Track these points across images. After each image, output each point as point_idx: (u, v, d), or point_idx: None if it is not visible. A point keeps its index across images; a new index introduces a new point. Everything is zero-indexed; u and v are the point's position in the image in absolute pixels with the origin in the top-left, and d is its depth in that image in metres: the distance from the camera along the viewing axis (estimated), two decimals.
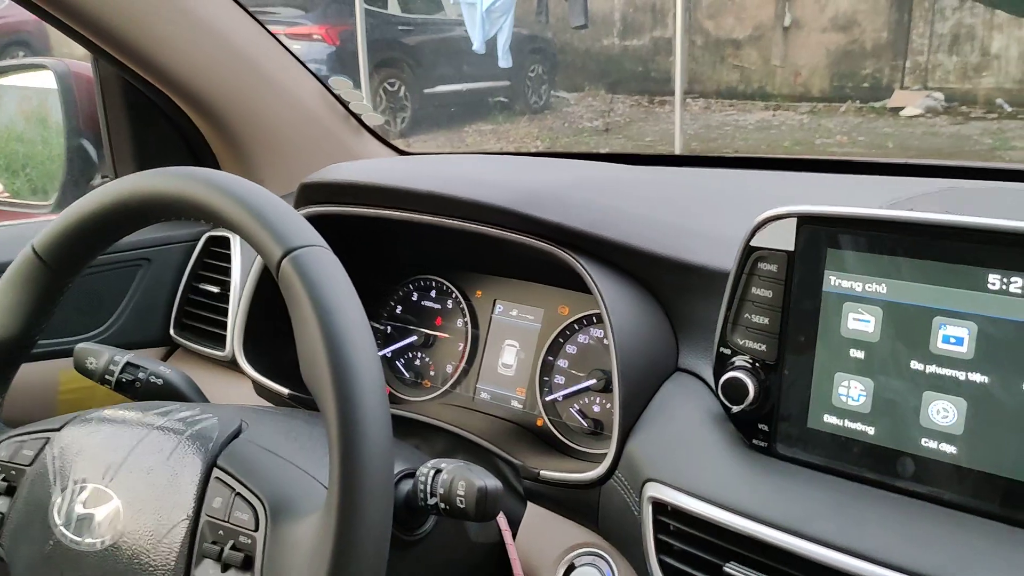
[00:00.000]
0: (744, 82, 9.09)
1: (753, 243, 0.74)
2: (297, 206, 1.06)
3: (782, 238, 0.72)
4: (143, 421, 0.72)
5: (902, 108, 7.84)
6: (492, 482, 0.68)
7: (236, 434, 0.70)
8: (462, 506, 0.68)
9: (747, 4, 8.99)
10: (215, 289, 1.21)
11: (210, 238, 1.25)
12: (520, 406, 1.06)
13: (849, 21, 8.53)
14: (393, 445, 0.83)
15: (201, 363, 1.21)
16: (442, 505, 0.69)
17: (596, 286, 0.84)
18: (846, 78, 8.59)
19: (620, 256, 0.87)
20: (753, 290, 0.74)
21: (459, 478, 0.68)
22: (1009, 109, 7.58)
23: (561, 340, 1.03)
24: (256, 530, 0.62)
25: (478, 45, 6.32)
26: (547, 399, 1.03)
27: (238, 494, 0.64)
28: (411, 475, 0.74)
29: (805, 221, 0.71)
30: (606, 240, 0.86)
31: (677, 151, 6.01)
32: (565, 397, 1.01)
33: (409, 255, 1.16)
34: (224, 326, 1.17)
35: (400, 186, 0.94)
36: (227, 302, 1.18)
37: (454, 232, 0.96)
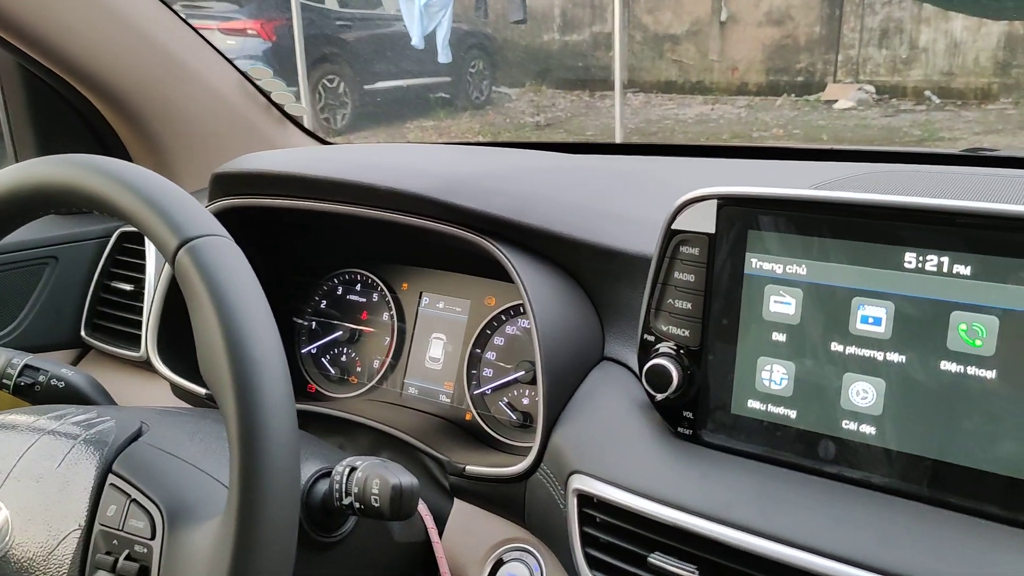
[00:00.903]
0: (683, 76, 9.19)
1: (674, 226, 0.72)
2: (211, 198, 1.02)
3: (703, 221, 0.71)
4: (34, 426, 0.67)
5: (835, 101, 8.00)
6: (408, 479, 0.66)
7: (135, 437, 0.67)
8: (377, 505, 0.65)
9: (684, 0, 9.09)
10: (128, 287, 1.15)
11: (122, 234, 1.19)
12: (448, 400, 1.03)
13: (783, 16, 8.68)
14: (311, 443, 0.80)
15: (115, 365, 1.16)
16: (357, 504, 0.66)
17: (517, 274, 0.81)
18: (781, 72, 8.74)
19: (542, 243, 0.85)
20: (675, 274, 0.72)
21: (374, 476, 0.65)
22: (937, 101, 7.79)
23: (488, 332, 1.01)
24: (152, 538, 0.58)
25: (417, 40, 6.26)
26: (475, 393, 1.00)
27: (134, 500, 0.60)
28: (328, 474, 0.71)
29: (725, 203, 0.69)
30: (527, 226, 0.84)
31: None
32: (493, 390, 0.99)
33: (333, 248, 1.12)
34: (138, 325, 1.12)
35: (313, 175, 0.91)
36: (141, 300, 1.13)
37: (376, 223, 0.93)
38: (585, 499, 0.73)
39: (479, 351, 1.01)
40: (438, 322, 1.06)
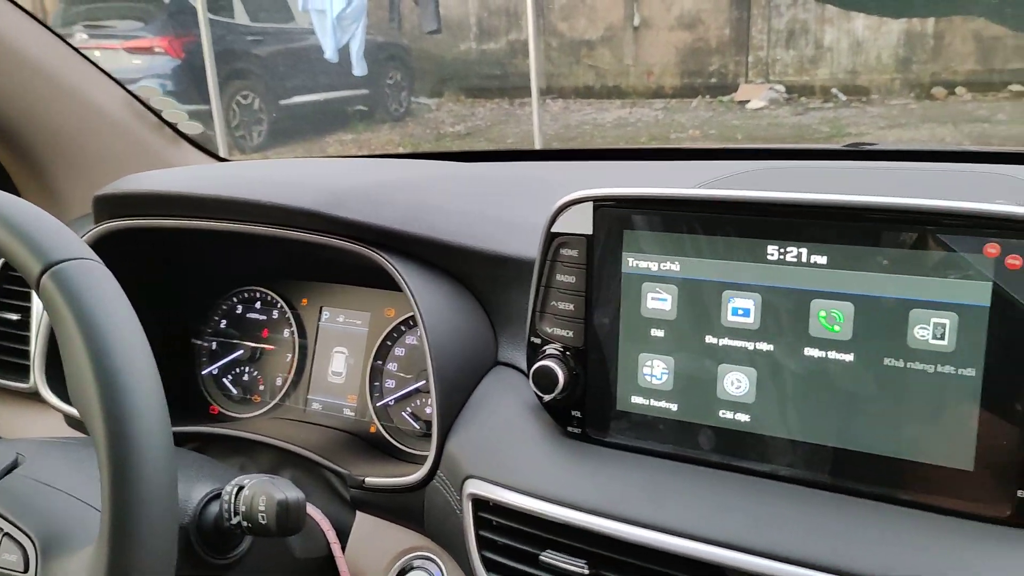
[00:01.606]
0: (600, 81, 9.32)
1: (554, 229, 0.73)
2: (96, 221, 0.99)
3: (581, 223, 0.72)
4: None
5: (747, 101, 8.22)
6: (293, 494, 0.65)
7: (9, 469, 0.65)
8: (264, 522, 0.64)
9: (598, 6, 9.22)
10: (14, 317, 1.12)
11: (6, 263, 1.15)
12: (352, 414, 1.03)
13: (694, 20, 8.88)
14: (206, 465, 0.79)
15: (3, 397, 1.12)
16: (245, 523, 0.65)
17: (406, 284, 0.82)
18: (695, 74, 8.94)
19: (431, 252, 0.85)
20: (557, 277, 0.74)
21: (260, 494, 0.65)
22: (843, 98, 8.08)
23: (389, 343, 1.01)
24: (25, 571, 0.57)
25: (331, 54, 6.20)
26: (378, 404, 1.00)
27: (6, 534, 0.59)
28: (219, 495, 0.71)
29: (601, 204, 0.71)
30: (416, 236, 0.84)
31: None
32: (396, 401, 0.99)
33: (231, 267, 1.11)
34: (27, 356, 1.08)
35: (194, 193, 0.90)
36: (28, 330, 1.09)
37: (270, 239, 0.92)
38: (480, 503, 0.74)
39: (381, 363, 1.01)
40: (339, 336, 1.06)
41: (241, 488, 0.67)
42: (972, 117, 6.96)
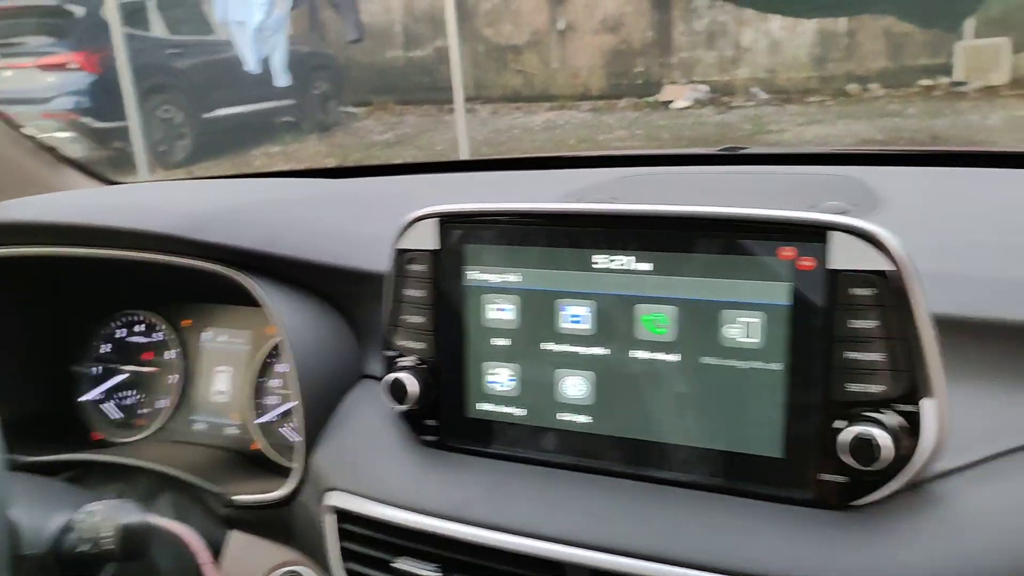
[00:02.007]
0: (528, 85, 9.39)
1: (402, 245, 0.76)
2: None
3: (428, 238, 0.75)
4: None
5: (672, 101, 8.38)
6: (136, 517, 0.66)
7: None
8: (111, 547, 0.65)
9: (523, 10, 9.29)
10: None
11: None
12: (236, 431, 1.04)
13: (617, 23, 9.01)
14: (66, 494, 0.79)
15: None
16: (92, 549, 0.66)
17: (268, 303, 0.83)
18: (621, 76, 9.07)
19: (294, 271, 0.87)
20: (407, 291, 0.76)
21: (105, 519, 0.66)
22: (764, 96, 8.29)
23: (271, 360, 1.02)
24: None
25: (252, 65, 6.13)
26: (260, 421, 1.01)
27: None
28: None
29: (444, 220, 0.74)
30: (277, 256, 0.86)
31: (464, 158, 6.09)
32: (279, 416, 1.01)
33: (110, 291, 1.11)
34: None
35: (51, 221, 0.90)
36: None
37: (144, 263, 0.93)
38: (342, 514, 0.76)
39: (263, 380, 1.02)
40: (222, 355, 1.07)
41: (90, 514, 0.67)
42: (885, 112, 7.20)
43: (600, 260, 0.68)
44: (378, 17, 9.24)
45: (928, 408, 0.60)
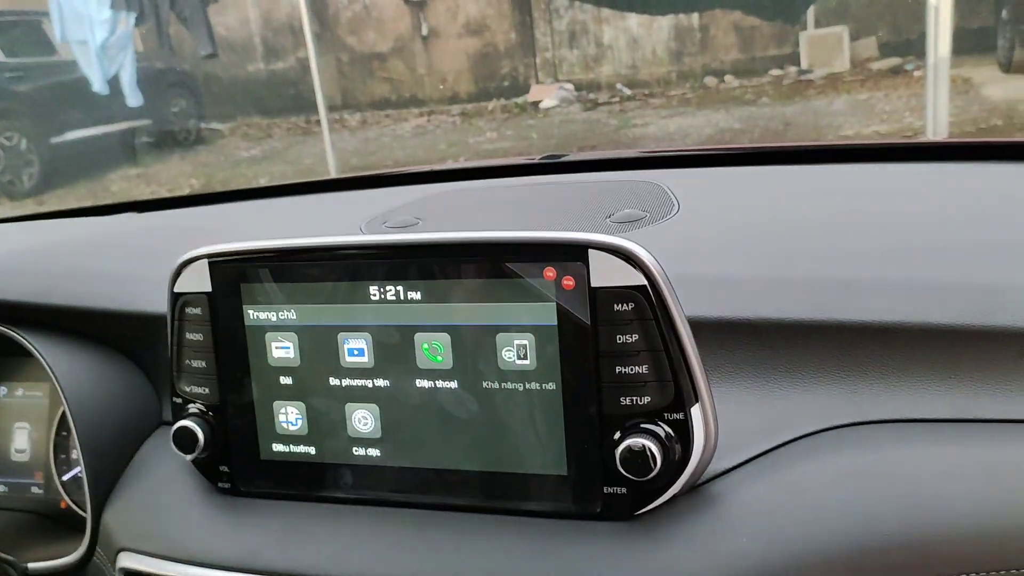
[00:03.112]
0: (396, 93, 9.33)
1: (177, 289, 0.73)
2: None
3: (200, 280, 0.72)
4: None
5: (540, 101, 8.49)
6: None
7: None
8: None
9: (384, 17, 9.23)
10: None
11: None
12: (41, 491, 0.97)
13: (480, 26, 9.07)
14: None
15: None
16: None
17: (42, 357, 0.79)
18: (488, 79, 9.13)
19: (74, 320, 0.83)
20: (187, 335, 0.73)
21: None
22: (628, 92, 8.50)
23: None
24: None
25: (99, 85, 5.86)
26: (65, 478, 0.96)
27: None
28: None
29: (216, 260, 0.71)
30: (52, 307, 0.81)
31: (332, 172, 6.00)
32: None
33: None
34: None
35: None
36: None
37: None
38: None
39: (65, 434, 0.97)
40: (19, 411, 1.00)
41: None
42: (741, 102, 7.51)
43: (375, 291, 0.67)
44: (235, 31, 9.00)
45: (696, 414, 0.62)
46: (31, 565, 0.81)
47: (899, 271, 0.73)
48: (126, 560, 0.73)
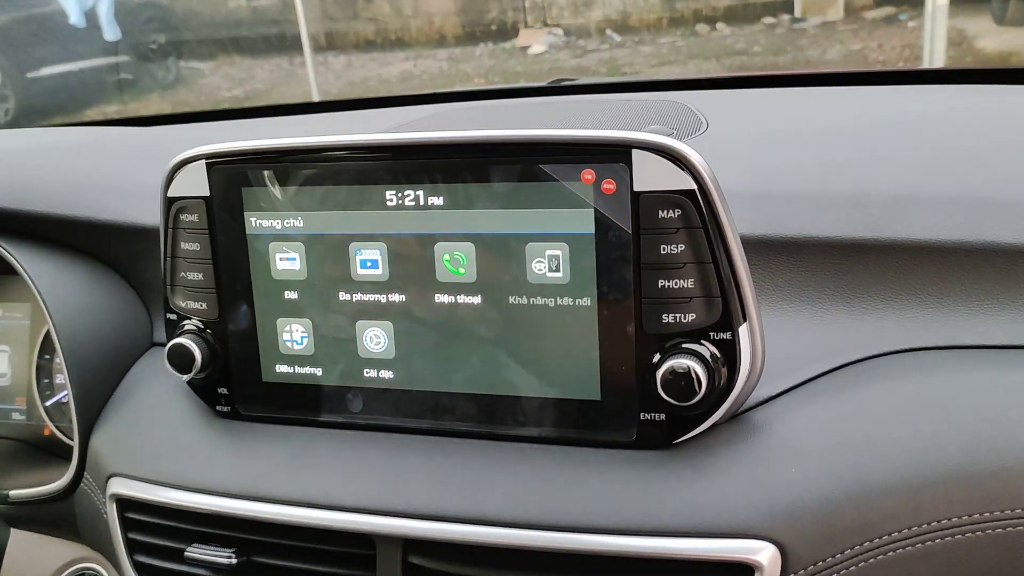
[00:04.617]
0: (382, 35, 9.12)
1: (171, 193, 0.66)
2: None
3: (197, 184, 0.65)
4: None
5: (529, 47, 8.32)
6: None
7: None
8: None
9: None
10: None
11: None
12: (23, 417, 0.92)
13: None
14: None
15: None
16: None
17: (23, 269, 0.72)
18: (476, 23, 8.93)
19: (57, 230, 0.76)
20: (182, 245, 0.67)
21: None
22: (618, 39, 8.34)
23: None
24: None
25: (76, 18, 5.66)
26: (48, 404, 0.90)
27: None
28: None
29: (214, 161, 0.65)
30: (32, 214, 0.74)
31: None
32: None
33: None
34: None
35: None
36: None
37: None
38: (126, 503, 0.67)
39: (48, 358, 0.90)
40: None
41: None
42: (732, 51, 7.39)
43: (392, 196, 0.61)
44: None
45: (744, 335, 0.56)
46: (13, 492, 0.75)
47: (955, 186, 0.67)
48: (117, 486, 0.67)
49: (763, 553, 0.54)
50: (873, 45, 6.74)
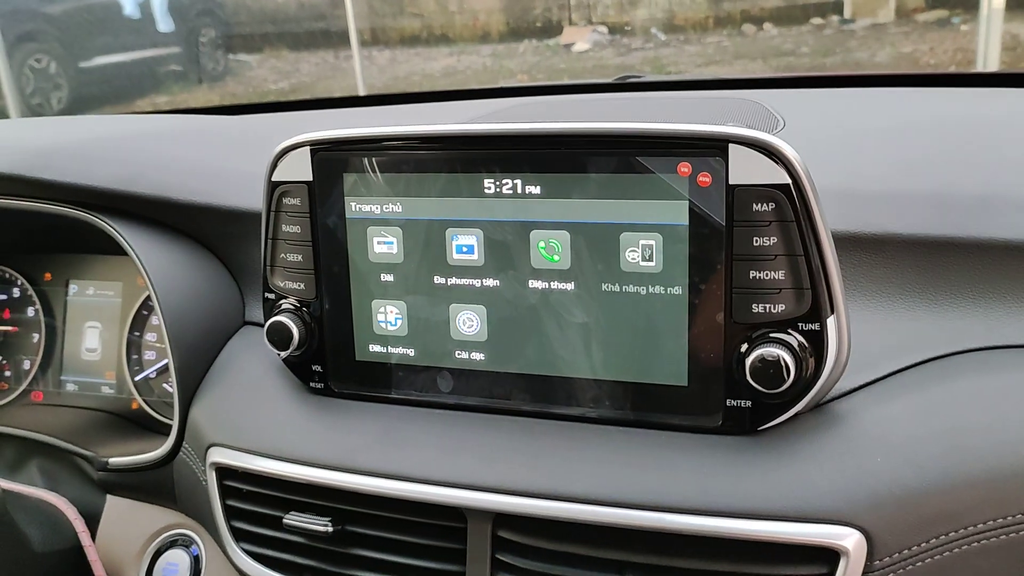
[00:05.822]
0: (426, 30, 9.17)
1: (275, 178, 0.69)
2: None
3: (301, 169, 0.68)
4: None
5: (573, 44, 8.32)
6: None
7: None
8: None
9: None
10: None
11: None
12: (112, 391, 0.96)
13: None
14: None
15: None
16: None
17: (131, 248, 0.76)
18: (520, 19, 8.94)
19: (160, 212, 0.79)
20: (283, 227, 0.70)
21: None
22: (663, 38, 8.30)
23: (145, 312, 0.95)
24: None
25: (130, 9, 5.79)
26: (138, 378, 0.94)
27: None
28: None
29: (318, 148, 0.68)
30: (138, 196, 0.78)
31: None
32: (159, 372, 0.93)
33: None
34: None
35: None
36: None
37: None
38: (225, 471, 0.71)
39: (138, 334, 0.95)
40: (91, 310, 0.98)
41: None
42: (779, 51, 7.32)
43: (490, 184, 0.63)
44: None
45: (831, 326, 0.58)
46: (112, 460, 0.79)
47: None
48: (217, 455, 0.70)
49: (849, 539, 0.55)
50: (924, 48, 6.64)
